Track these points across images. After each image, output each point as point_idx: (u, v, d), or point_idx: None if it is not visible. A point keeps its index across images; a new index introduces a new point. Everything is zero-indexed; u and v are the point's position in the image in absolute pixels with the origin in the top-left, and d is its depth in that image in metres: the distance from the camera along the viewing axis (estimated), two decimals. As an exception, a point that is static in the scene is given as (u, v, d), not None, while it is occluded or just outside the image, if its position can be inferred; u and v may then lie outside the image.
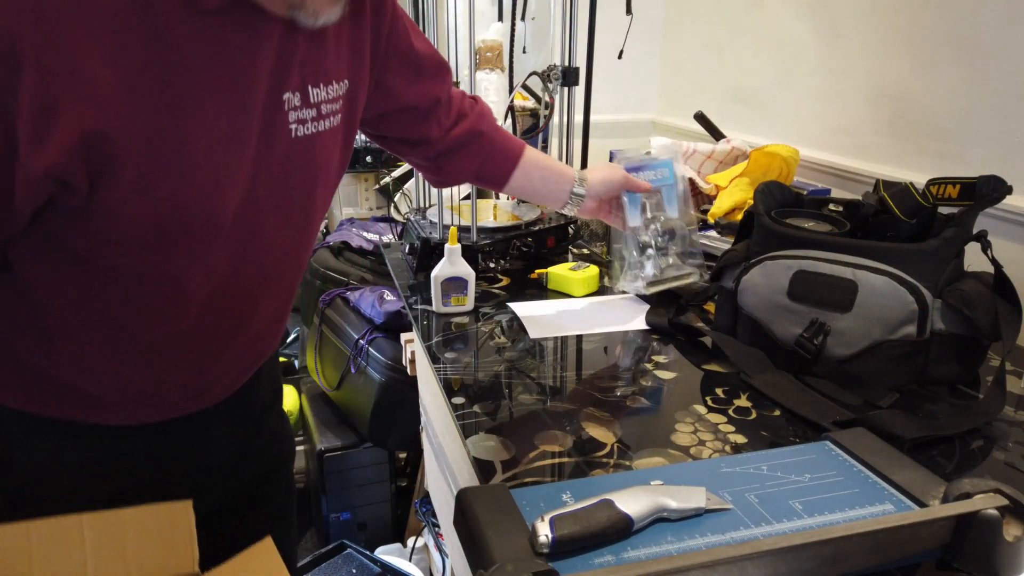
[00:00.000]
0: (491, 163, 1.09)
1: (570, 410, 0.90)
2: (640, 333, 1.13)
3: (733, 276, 1.03)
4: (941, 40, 1.36)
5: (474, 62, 1.34)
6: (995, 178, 0.90)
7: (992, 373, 0.94)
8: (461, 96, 1.06)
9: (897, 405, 0.88)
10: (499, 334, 1.12)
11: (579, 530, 0.58)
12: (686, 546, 0.59)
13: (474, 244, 1.34)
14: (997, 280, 0.92)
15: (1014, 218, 1.24)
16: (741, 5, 1.96)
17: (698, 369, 1.01)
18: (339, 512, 2.03)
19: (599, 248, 1.51)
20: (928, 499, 0.64)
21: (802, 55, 1.74)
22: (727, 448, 0.81)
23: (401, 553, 1.99)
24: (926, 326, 0.89)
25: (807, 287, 0.93)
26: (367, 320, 1.94)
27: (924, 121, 1.42)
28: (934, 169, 1.39)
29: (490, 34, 1.71)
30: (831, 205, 1.07)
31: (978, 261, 0.94)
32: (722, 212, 1.48)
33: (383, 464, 2.03)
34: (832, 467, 0.71)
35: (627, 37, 1.68)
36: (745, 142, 1.77)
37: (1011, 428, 0.86)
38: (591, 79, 1.62)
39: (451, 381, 0.98)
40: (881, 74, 1.51)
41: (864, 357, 0.91)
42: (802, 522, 0.62)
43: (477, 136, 1.06)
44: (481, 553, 0.58)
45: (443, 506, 1.40)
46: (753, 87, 1.95)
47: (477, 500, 0.63)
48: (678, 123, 2.31)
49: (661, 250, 1.21)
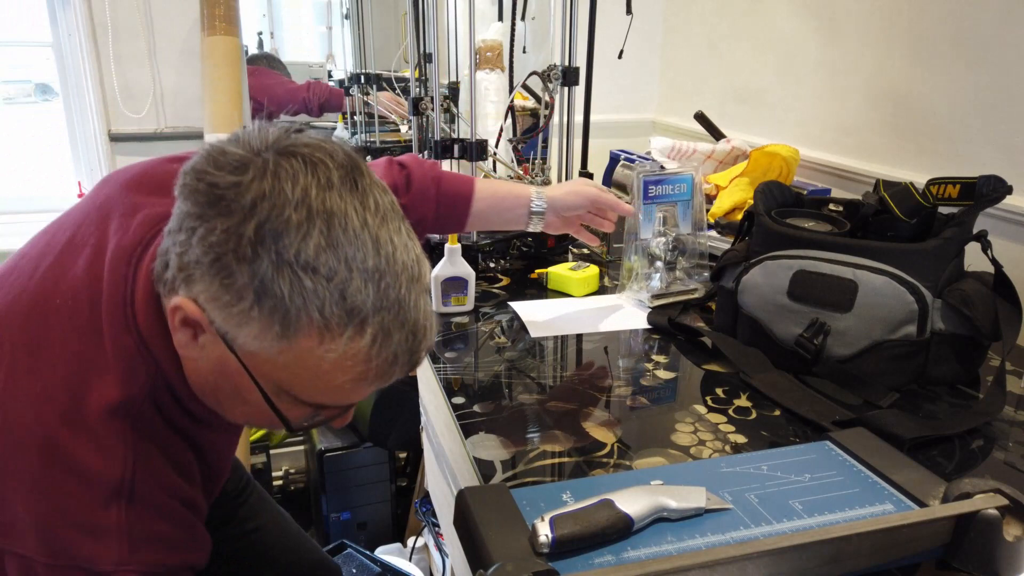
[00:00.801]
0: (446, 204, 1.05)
1: (570, 410, 0.90)
2: (640, 333, 1.13)
3: (733, 276, 1.03)
4: (941, 40, 1.36)
5: (474, 62, 1.33)
6: (995, 178, 0.90)
7: (992, 373, 0.94)
8: (387, 165, 1.02)
9: (897, 405, 0.88)
10: (499, 334, 1.12)
11: (579, 530, 0.58)
12: (686, 546, 0.59)
13: (474, 244, 1.34)
14: (997, 280, 0.92)
15: (1014, 218, 1.24)
16: (741, 5, 1.96)
17: (698, 369, 1.01)
18: (339, 512, 2.03)
19: (599, 248, 1.50)
20: (928, 499, 0.64)
21: (802, 55, 1.74)
22: (727, 448, 0.81)
23: (401, 553, 1.99)
24: (926, 326, 0.89)
25: (807, 287, 0.93)
26: (367, 320, 1.93)
27: (924, 121, 1.42)
28: (934, 169, 1.39)
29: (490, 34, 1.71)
30: (831, 205, 1.07)
31: (978, 261, 0.94)
32: (722, 212, 1.48)
33: (383, 464, 2.03)
34: (832, 467, 0.71)
35: (627, 37, 1.68)
36: (745, 142, 1.77)
37: (1011, 428, 0.86)
38: (591, 79, 1.62)
39: (451, 381, 0.98)
40: (881, 74, 1.51)
41: (864, 357, 0.91)
42: (802, 522, 0.62)
43: (427, 183, 1.03)
44: (481, 553, 0.58)
45: (443, 506, 1.40)
46: (753, 87, 1.94)
47: (477, 500, 0.63)
48: (678, 123, 2.31)
49: (670, 264, 1.21)
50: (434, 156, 1.32)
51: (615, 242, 1.45)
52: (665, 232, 1.20)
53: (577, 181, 1.16)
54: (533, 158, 1.50)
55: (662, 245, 1.20)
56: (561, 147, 1.48)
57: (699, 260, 1.23)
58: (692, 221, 1.21)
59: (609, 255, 1.46)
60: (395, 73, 2.77)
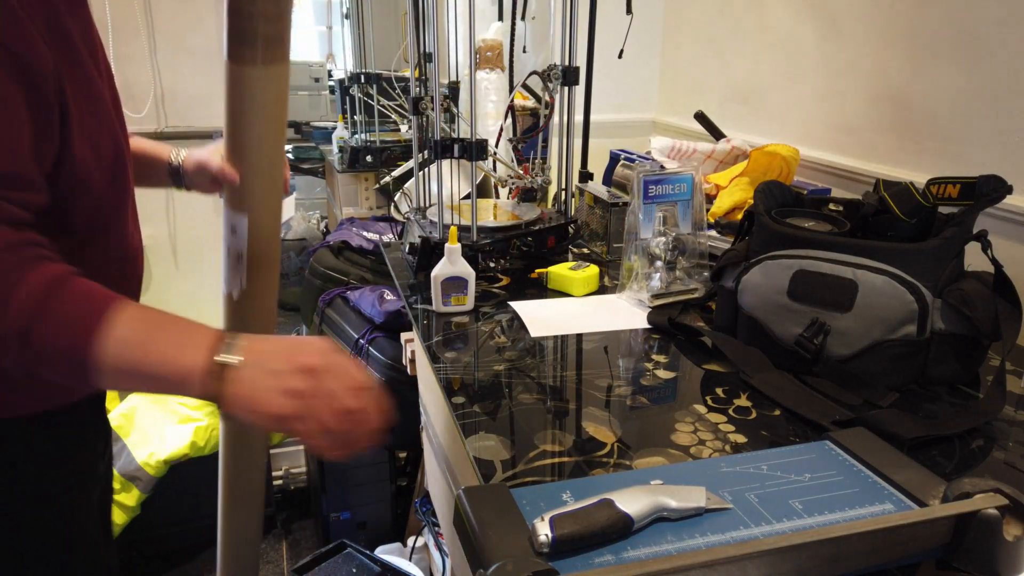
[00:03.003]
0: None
1: (570, 410, 0.90)
2: (640, 332, 1.13)
3: (733, 276, 1.03)
4: (941, 40, 1.36)
5: (474, 62, 1.33)
6: (995, 178, 0.90)
7: (992, 373, 0.94)
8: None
9: (897, 405, 0.88)
10: (499, 334, 1.12)
11: (579, 530, 0.58)
12: (686, 546, 0.59)
13: (474, 244, 1.34)
14: (997, 280, 0.92)
15: (1014, 218, 1.24)
16: (741, 5, 1.96)
17: (698, 369, 1.01)
18: (339, 511, 2.03)
19: (599, 248, 1.50)
20: (928, 499, 0.64)
21: (802, 55, 1.74)
22: (727, 448, 0.81)
23: (401, 553, 1.99)
24: (926, 326, 0.89)
25: (807, 287, 0.93)
26: (367, 320, 1.94)
27: (924, 121, 1.42)
28: (934, 169, 1.39)
29: (490, 34, 1.72)
30: (831, 205, 1.07)
31: (978, 261, 0.94)
32: (722, 212, 1.48)
33: (383, 464, 2.03)
34: (832, 467, 0.71)
35: (627, 37, 1.68)
36: (745, 142, 1.77)
37: (1011, 428, 0.86)
38: (591, 79, 1.62)
39: (451, 381, 0.98)
40: (881, 74, 1.51)
41: (864, 357, 0.91)
42: (802, 522, 0.62)
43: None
44: (481, 553, 0.58)
45: (443, 506, 1.40)
46: (753, 87, 1.95)
47: (477, 500, 0.63)
48: (678, 123, 2.31)
49: (670, 264, 1.21)
50: (434, 156, 1.32)
51: (615, 242, 1.45)
52: (665, 232, 1.20)
53: (211, 149, 1.03)
54: (533, 158, 1.51)
55: (662, 245, 1.20)
56: (561, 147, 1.49)
57: (699, 260, 1.23)
58: (692, 221, 1.22)
59: (609, 255, 1.47)
60: (395, 73, 2.77)
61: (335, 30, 4.30)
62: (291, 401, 0.66)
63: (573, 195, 1.54)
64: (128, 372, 0.65)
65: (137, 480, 1.95)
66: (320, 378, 0.68)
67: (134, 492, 1.95)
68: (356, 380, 0.69)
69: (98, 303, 0.65)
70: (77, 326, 0.64)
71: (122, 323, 0.65)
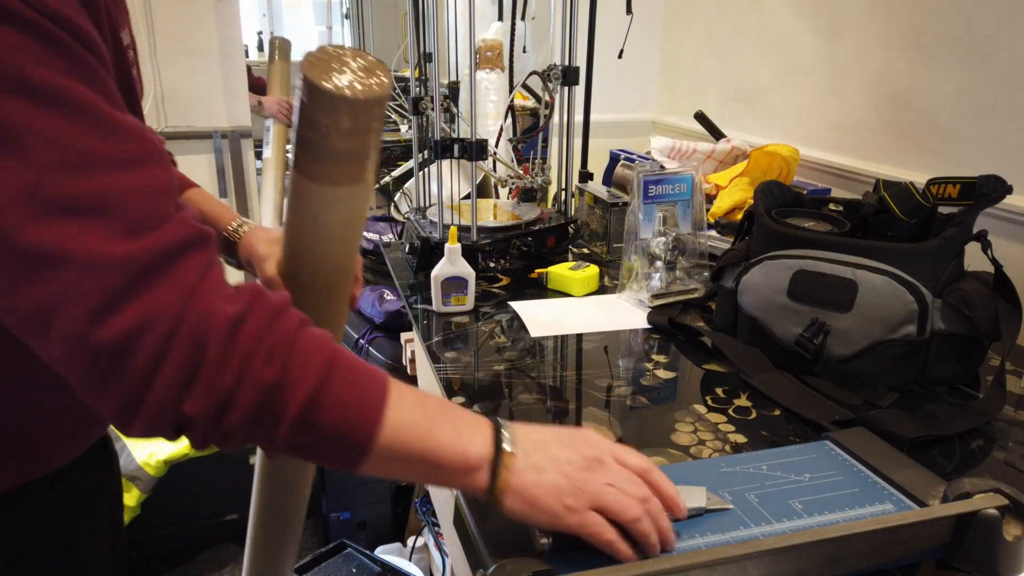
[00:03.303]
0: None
1: (570, 410, 0.90)
2: (640, 333, 1.13)
3: (733, 276, 1.03)
4: (941, 40, 1.36)
5: (474, 62, 1.34)
6: (995, 178, 0.90)
7: (992, 373, 0.94)
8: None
9: (897, 405, 0.88)
10: (499, 334, 1.12)
11: (579, 530, 0.58)
12: (686, 546, 0.59)
13: (474, 244, 1.34)
14: (997, 280, 0.92)
15: (1014, 218, 1.24)
16: (741, 5, 1.96)
17: (698, 369, 1.01)
18: (339, 511, 2.03)
19: (599, 248, 1.50)
20: (928, 499, 0.64)
21: (802, 55, 1.74)
22: (727, 448, 0.81)
23: (401, 552, 1.99)
24: (926, 326, 0.89)
25: (807, 287, 0.93)
26: (367, 319, 1.94)
27: (924, 121, 1.42)
28: (934, 169, 1.39)
29: (490, 34, 1.72)
30: (831, 205, 1.07)
31: (978, 261, 0.94)
32: (722, 212, 1.48)
33: (383, 464, 2.03)
34: (832, 467, 0.71)
35: (627, 37, 1.68)
36: (745, 142, 1.77)
37: (1011, 428, 0.86)
38: (591, 79, 1.62)
39: (451, 381, 0.98)
40: (881, 74, 1.51)
41: (864, 357, 0.91)
42: (802, 522, 0.62)
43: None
44: (481, 553, 0.58)
45: (443, 506, 1.40)
46: (753, 87, 1.95)
47: (477, 500, 0.63)
48: (678, 123, 2.31)
49: (670, 264, 1.21)
50: (434, 156, 1.32)
51: (615, 242, 1.45)
52: (665, 232, 1.20)
53: (269, 240, 0.89)
54: (533, 158, 1.51)
55: (662, 245, 1.20)
56: (561, 147, 1.49)
57: (699, 260, 1.23)
58: (692, 221, 1.22)
59: (609, 255, 1.47)
60: (395, 73, 2.77)
61: (335, 30, 4.31)
62: (573, 488, 0.57)
63: (573, 195, 1.54)
64: (402, 459, 0.57)
65: (137, 480, 1.95)
66: (602, 467, 0.59)
67: (134, 492, 1.95)
68: (639, 467, 0.61)
69: (377, 380, 0.57)
70: (363, 404, 0.55)
71: (403, 406, 0.57)
